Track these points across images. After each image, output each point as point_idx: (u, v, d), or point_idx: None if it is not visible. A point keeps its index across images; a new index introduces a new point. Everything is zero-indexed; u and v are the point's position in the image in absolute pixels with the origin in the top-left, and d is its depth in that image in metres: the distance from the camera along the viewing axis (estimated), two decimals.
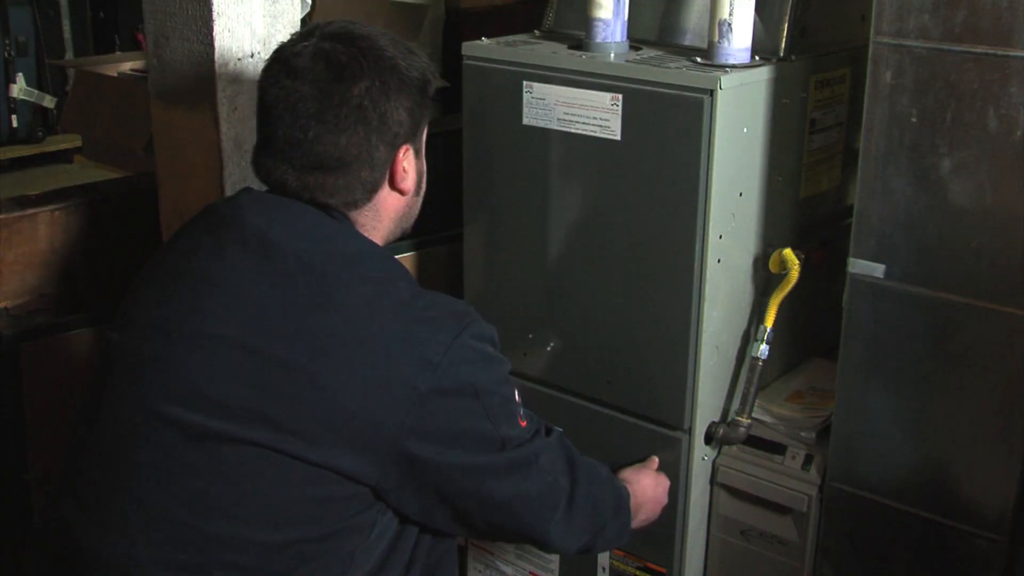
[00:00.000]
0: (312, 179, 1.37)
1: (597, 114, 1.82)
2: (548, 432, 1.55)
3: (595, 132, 1.84)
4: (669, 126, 1.76)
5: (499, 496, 1.42)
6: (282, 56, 1.39)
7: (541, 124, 1.90)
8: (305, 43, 1.38)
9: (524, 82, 1.90)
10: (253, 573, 1.29)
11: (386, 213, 1.45)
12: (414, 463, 1.32)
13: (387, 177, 1.42)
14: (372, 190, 1.41)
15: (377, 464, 1.30)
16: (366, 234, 1.43)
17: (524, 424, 1.45)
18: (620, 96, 1.80)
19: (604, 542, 1.63)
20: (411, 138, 1.43)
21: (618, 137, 1.81)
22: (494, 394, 1.38)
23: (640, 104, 1.78)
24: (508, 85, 1.93)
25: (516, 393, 1.45)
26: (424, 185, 1.52)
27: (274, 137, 1.38)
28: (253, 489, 1.27)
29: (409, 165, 1.44)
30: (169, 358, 1.32)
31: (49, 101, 5.52)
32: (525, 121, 1.92)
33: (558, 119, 1.88)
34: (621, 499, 1.67)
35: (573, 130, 1.86)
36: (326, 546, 1.31)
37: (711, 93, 1.71)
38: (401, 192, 1.45)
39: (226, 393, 1.27)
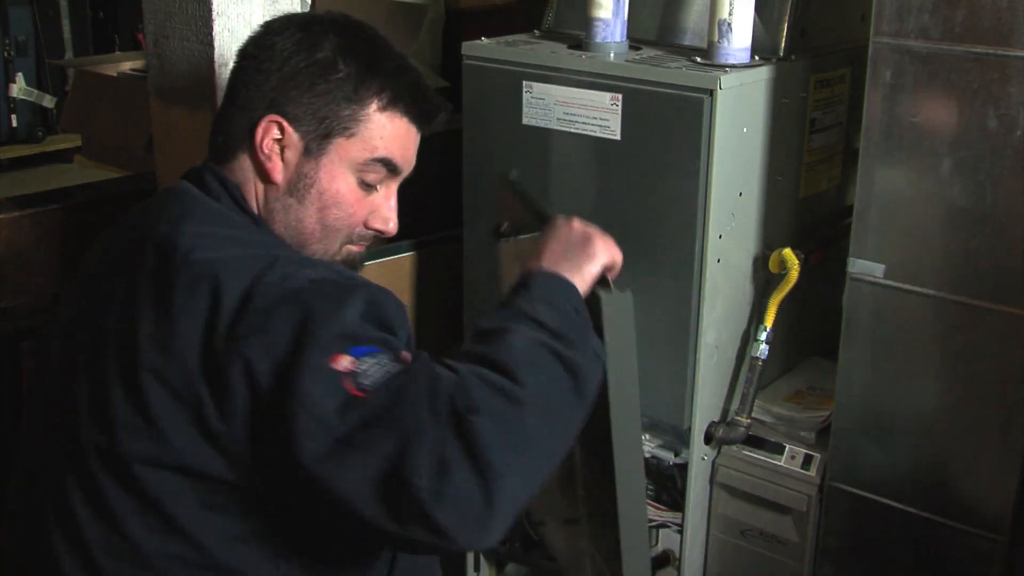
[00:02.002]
0: (217, 125, 1.33)
1: (597, 114, 1.82)
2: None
3: (595, 132, 1.84)
4: (669, 126, 1.76)
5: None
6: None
7: (541, 124, 1.90)
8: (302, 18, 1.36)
9: (524, 82, 1.90)
10: None
11: (258, 187, 1.30)
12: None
13: (249, 141, 1.28)
14: (231, 139, 1.30)
15: (222, 449, 1.15)
16: (246, 194, 1.30)
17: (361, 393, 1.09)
18: (620, 96, 1.79)
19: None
20: (298, 121, 1.27)
21: (618, 137, 1.81)
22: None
23: (640, 104, 1.78)
24: (508, 85, 1.93)
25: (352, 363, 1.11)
26: (317, 200, 1.30)
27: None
28: (159, 507, 1.18)
29: (289, 153, 1.28)
30: (78, 380, 1.24)
31: (49, 101, 5.52)
32: (525, 121, 1.91)
33: (558, 119, 1.88)
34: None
35: (573, 130, 1.86)
36: (242, 552, 1.20)
37: (711, 93, 1.71)
38: (267, 174, 1.29)
39: (117, 410, 1.18)
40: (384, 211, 1.35)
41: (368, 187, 1.32)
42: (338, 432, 1.06)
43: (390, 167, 1.32)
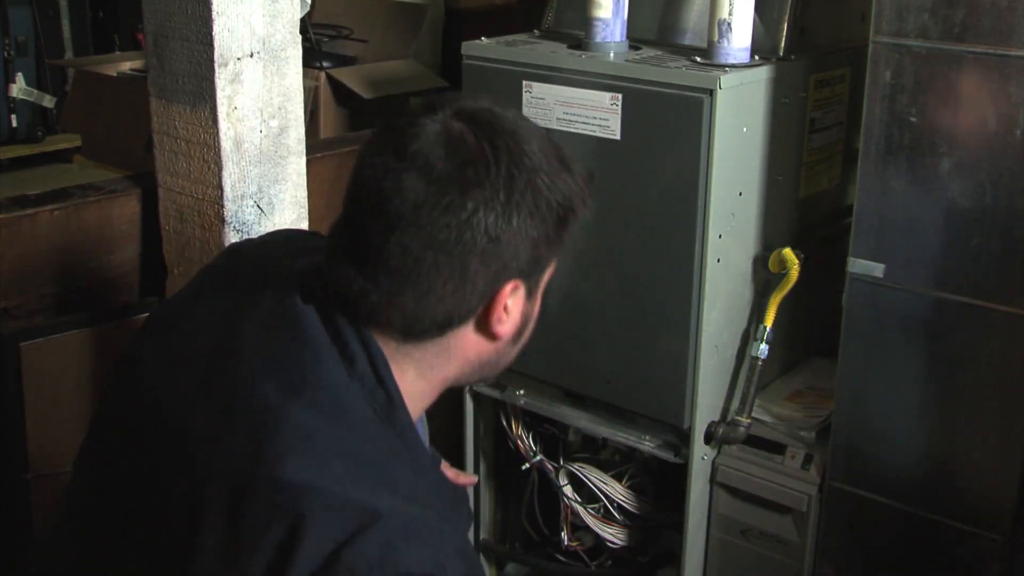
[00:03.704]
0: (378, 297, 1.04)
1: (597, 114, 1.82)
2: None
3: (595, 132, 1.83)
4: (669, 126, 1.76)
5: None
6: (396, 128, 1.07)
7: (541, 124, 1.89)
8: (431, 118, 1.06)
9: (524, 82, 1.90)
10: None
11: (459, 355, 1.11)
12: None
13: (476, 315, 1.08)
14: (447, 326, 1.07)
15: None
16: (416, 369, 1.10)
17: None
18: (620, 96, 1.79)
19: None
20: (526, 274, 1.08)
21: (618, 137, 1.81)
22: None
23: (640, 104, 1.78)
24: (508, 85, 1.92)
25: None
26: (528, 333, 1.16)
27: (351, 226, 1.07)
28: None
29: (515, 306, 1.10)
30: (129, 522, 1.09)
31: (49, 101, 5.51)
32: None
33: (558, 119, 1.87)
34: None
35: (573, 130, 1.86)
36: None
37: (711, 93, 1.71)
38: (493, 336, 1.10)
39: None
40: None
41: None
42: None
43: None
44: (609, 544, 2.08)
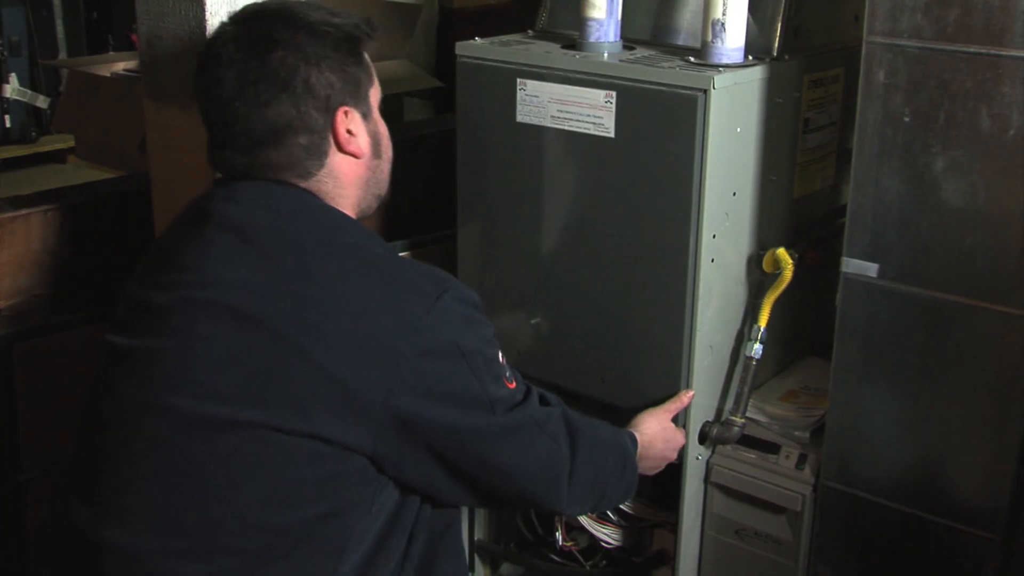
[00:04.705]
0: (256, 157, 1.39)
1: (591, 112, 1.82)
2: (543, 400, 1.56)
3: (589, 130, 1.84)
4: (663, 125, 1.76)
5: (500, 461, 1.43)
6: (200, 55, 1.43)
7: (535, 122, 1.90)
8: (219, 33, 1.42)
9: (518, 79, 1.90)
10: (255, 555, 1.30)
11: (347, 179, 1.44)
12: (407, 426, 1.33)
13: (332, 142, 1.42)
14: (319, 156, 1.41)
15: (371, 431, 1.31)
16: (334, 204, 1.43)
17: (512, 386, 1.46)
18: (614, 93, 1.79)
19: (609, 502, 1.74)
20: (350, 99, 1.42)
21: (612, 135, 1.81)
22: (479, 354, 1.39)
23: (634, 102, 1.78)
24: (502, 82, 1.92)
25: (501, 355, 1.46)
26: (387, 147, 1.52)
27: (211, 126, 1.42)
28: (251, 473, 1.29)
29: (356, 127, 1.43)
30: (163, 349, 1.34)
31: (42, 101, 5.51)
32: (519, 118, 1.91)
33: (552, 116, 1.87)
34: (627, 456, 1.70)
35: (567, 128, 1.86)
36: (326, 525, 1.32)
37: (704, 92, 1.71)
38: (354, 156, 1.44)
39: (218, 378, 1.30)
40: None
41: None
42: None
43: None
44: (604, 544, 2.08)
